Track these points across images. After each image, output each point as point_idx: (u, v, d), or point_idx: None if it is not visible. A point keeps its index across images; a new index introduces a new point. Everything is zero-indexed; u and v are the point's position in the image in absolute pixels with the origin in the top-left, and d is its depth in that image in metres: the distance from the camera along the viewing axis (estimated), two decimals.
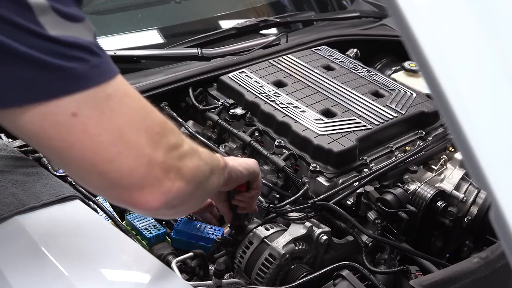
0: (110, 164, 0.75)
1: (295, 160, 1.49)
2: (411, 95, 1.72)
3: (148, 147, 0.77)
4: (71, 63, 0.73)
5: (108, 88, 0.76)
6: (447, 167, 1.57)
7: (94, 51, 0.76)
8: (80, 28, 0.75)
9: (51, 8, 0.72)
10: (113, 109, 0.75)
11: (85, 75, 0.74)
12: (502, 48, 0.64)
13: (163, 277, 1.06)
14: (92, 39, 0.76)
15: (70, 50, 0.73)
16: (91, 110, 0.74)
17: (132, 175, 0.76)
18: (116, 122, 0.75)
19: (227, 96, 1.71)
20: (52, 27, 0.72)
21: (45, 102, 0.72)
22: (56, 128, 0.73)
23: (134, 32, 2.07)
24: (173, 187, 0.81)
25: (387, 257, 1.40)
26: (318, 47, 1.98)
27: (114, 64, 0.80)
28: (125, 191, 0.78)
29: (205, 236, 1.34)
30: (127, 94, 0.79)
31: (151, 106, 0.83)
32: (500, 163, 0.58)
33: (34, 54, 0.71)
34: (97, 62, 0.75)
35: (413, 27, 0.60)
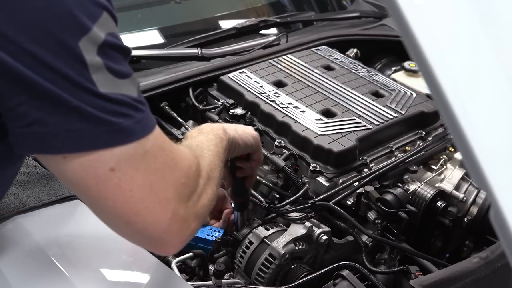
0: (137, 216, 0.82)
1: (295, 160, 1.49)
2: (411, 95, 1.72)
3: (173, 201, 0.84)
4: (117, 119, 0.79)
5: (147, 143, 0.82)
6: (447, 167, 1.57)
7: (138, 107, 0.81)
8: (127, 84, 0.81)
9: (104, 67, 0.78)
10: (148, 166, 0.82)
11: (128, 130, 0.80)
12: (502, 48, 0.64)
13: (163, 277, 1.06)
14: (136, 95, 0.82)
15: (117, 106, 0.79)
16: (127, 166, 0.80)
17: (155, 227, 0.83)
18: (147, 179, 0.82)
19: (227, 96, 1.71)
20: (102, 84, 0.77)
21: (88, 154, 0.78)
22: (94, 180, 0.80)
23: (134, 32, 2.07)
24: (191, 231, 0.90)
25: (387, 257, 1.40)
26: (318, 47, 1.98)
27: (152, 116, 0.86)
28: (148, 240, 0.86)
29: (204, 238, 1.34)
30: (161, 148, 0.85)
31: (180, 153, 0.90)
32: (500, 163, 0.58)
33: (85, 108, 0.76)
34: (140, 118, 0.81)
35: (413, 27, 0.60)
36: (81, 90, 0.76)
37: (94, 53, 0.77)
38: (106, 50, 0.78)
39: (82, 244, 1.11)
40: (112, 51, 0.79)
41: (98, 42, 0.77)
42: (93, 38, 0.76)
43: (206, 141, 1.06)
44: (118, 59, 0.80)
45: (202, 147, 1.03)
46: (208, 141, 1.06)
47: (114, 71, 0.79)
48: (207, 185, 0.94)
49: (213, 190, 0.97)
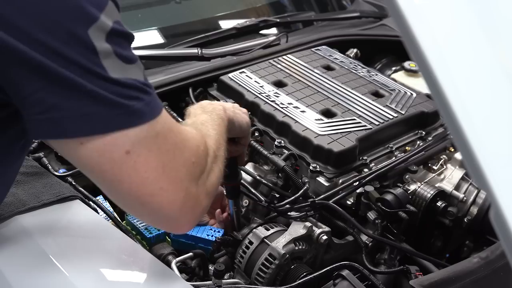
0: (152, 197, 0.86)
1: (295, 160, 1.49)
2: (411, 95, 1.72)
3: (185, 180, 0.88)
4: (129, 101, 0.82)
5: (157, 125, 0.85)
6: (447, 167, 1.57)
7: (146, 90, 0.85)
8: (135, 69, 0.85)
9: (114, 53, 0.82)
10: (159, 147, 0.85)
11: (140, 112, 0.83)
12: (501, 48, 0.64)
13: (163, 277, 1.06)
14: (143, 78, 0.86)
15: (128, 90, 0.82)
16: (141, 148, 0.83)
17: (170, 207, 0.87)
18: (160, 159, 0.85)
19: (227, 96, 1.71)
20: (113, 69, 0.81)
21: (103, 137, 0.81)
22: (110, 163, 0.83)
23: (134, 32, 2.06)
24: (202, 208, 0.94)
25: (387, 257, 1.40)
26: (318, 47, 1.98)
27: (159, 99, 0.89)
28: (164, 219, 0.90)
29: (204, 238, 1.34)
30: (170, 130, 0.89)
31: (187, 133, 0.94)
32: (500, 163, 0.58)
33: (99, 92, 0.80)
34: (149, 100, 0.85)
35: (413, 27, 0.60)
36: (93, 76, 0.79)
37: (103, 40, 0.80)
38: (114, 37, 0.82)
39: (82, 244, 1.11)
40: (119, 38, 0.83)
41: (106, 30, 0.81)
42: (101, 26, 0.80)
43: (211, 120, 1.09)
44: (124, 45, 0.84)
45: (207, 126, 1.06)
46: (212, 120, 1.09)
47: (122, 57, 0.82)
48: (215, 163, 0.98)
49: (220, 168, 1.00)
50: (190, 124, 1.06)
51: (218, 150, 1.02)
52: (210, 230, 1.36)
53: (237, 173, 1.33)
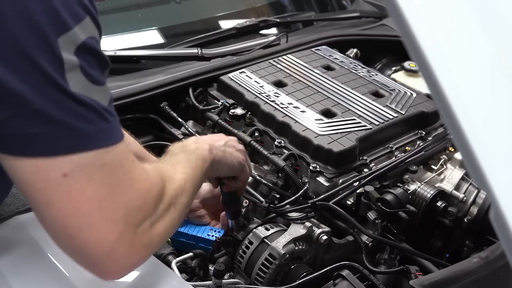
0: (79, 232, 0.77)
1: (295, 160, 1.49)
2: (411, 95, 1.72)
3: (121, 223, 0.79)
4: (80, 123, 0.76)
5: (106, 156, 0.78)
6: (447, 167, 1.57)
7: (105, 116, 0.79)
8: (99, 92, 0.79)
9: (79, 68, 0.76)
10: (102, 179, 0.78)
11: (89, 138, 0.77)
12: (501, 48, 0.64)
13: (163, 277, 1.06)
14: (106, 104, 0.80)
15: (84, 110, 0.76)
16: (81, 175, 0.76)
17: (97, 248, 0.78)
18: (98, 192, 0.77)
19: (227, 96, 1.71)
20: (74, 84, 0.76)
21: (43, 158, 0.75)
22: (44, 183, 0.76)
23: (134, 32, 2.07)
24: (137, 259, 0.84)
25: (387, 257, 1.40)
26: (318, 47, 1.98)
27: (121, 130, 0.83)
28: (88, 260, 0.80)
29: (205, 238, 1.34)
30: (121, 165, 0.81)
31: (141, 174, 0.85)
32: (500, 163, 0.58)
33: (49, 110, 0.74)
34: (104, 127, 0.79)
35: (413, 27, 0.60)
36: (51, 86, 0.74)
37: (71, 52, 0.76)
38: (84, 52, 0.77)
39: None
40: (89, 55, 0.79)
41: (77, 43, 0.76)
42: (72, 37, 0.76)
43: (185, 161, 1.03)
44: (94, 65, 0.79)
45: (176, 168, 0.99)
46: (187, 162, 1.03)
47: (88, 74, 0.78)
48: (167, 212, 0.89)
49: (174, 217, 0.91)
50: (158, 164, 0.99)
51: (178, 197, 0.93)
52: (211, 230, 1.36)
53: (237, 199, 1.31)
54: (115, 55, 1.77)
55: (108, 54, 1.81)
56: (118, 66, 1.81)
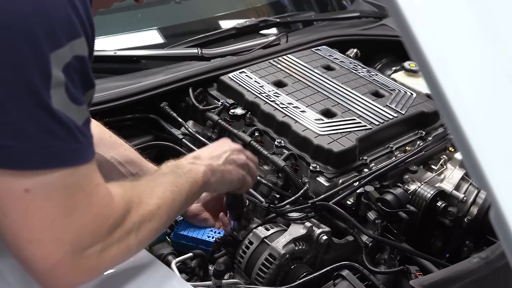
0: (28, 245, 0.79)
1: (295, 160, 1.49)
2: (411, 95, 1.72)
3: (68, 245, 0.81)
4: (52, 141, 0.77)
5: (69, 178, 0.80)
6: (447, 167, 1.57)
7: (77, 137, 0.80)
8: (77, 111, 0.80)
9: (64, 85, 0.77)
10: (59, 200, 0.79)
11: (57, 156, 0.78)
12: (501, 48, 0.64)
13: (163, 277, 1.06)
14: (81, 125, 0.81)
15: (59, 128, 0.77)
16: (41, 193, 0.78)
17: (41, 263, 0.80)
18: (53, 212, 0.79)
19: (227, 96, 1.71)
20: (57, 101, 0.77)
21: (9, 170, 0.76)
22: (5, 195, 0.78)
23: (134, 32, 2.07)
24: (78, 281, 0.85)
25: (387, 257, 1.40)
26: (318, 47, 1.98)
27: (91, 152, 0.84)
28: (33, 272, 0.82)
29: (205, 240, 1.34)
30: (81, 188, 0.82)
31: (103, 199, 0.86)
32: (500, 163, 0.58)
33: (24, 124, 0.75)
34: (74, 147, 0.80)
35: (413, 27, 0.60)
36: (34, 100, 0.75)
37: (60, 69, 0.77)
38: (70, 71, 0.79)
39: None
40: (74, 74, 0.80)
41: (66, 60, 0.78)
42: (62, 54, 0.77)
43: (169, 184, 1.02)
44: (77, 84, 0.80)
45: (153, 192, 0.98)
46: (170, 185, 1.02)
47: (70, 93, 0.79)
48: (125, 238, 0.89)
49: (131, 244, 0.91)
50: (133, 185, 0.98)
51: (144, 223, 0.93)
52: (211, 232, 1.36)
53: (241, 202, 1.31)
54: (115, 55, 1.77)
55: (108, 54, 1.83)
56: (118, 66, 1.81)
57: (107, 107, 1.56)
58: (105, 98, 1.57)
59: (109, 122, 1.45)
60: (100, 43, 1.96)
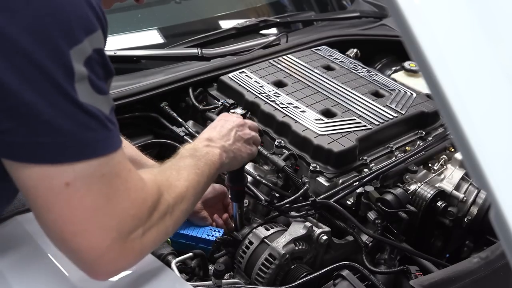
0: (74, 237, 0.82)
1: (295, 160, 1.49)
2: (411, 95, 1.72)
3: (115, 230, 0.83)
4: (85, 132, 0.80)
5: (106, 166, 0.82)
6: (447, 167, 1.57)
7: (107, 126, 0.83)
8: (103, 101, 0.83)
9: (87, 78, 0.80)
10: (100, 189, 0.82)
11: (92, 147, 0.81)
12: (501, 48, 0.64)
13: (163, 277, 1.06)
14: (108, 113, 0.84)
15: (89, 119, 0.80)
16: (82, 184, 0.80)
17: (89, 252, 0.83)
18: (95, 202, 0.81)
19: (227, 96, 1.71)
20: (82, 94, 0.79)
21: (48, 166, 0.79)
22: (46, 190, 0.80)
23: (134, 32, 2.07)
24: (126, 263, 0.89)
25: (387, 257, 1.40)
26: (318, 47, 1.98)
27: (120, 137, 0.86)
28: (80, 261, 0.85)
29: (205, 239, 1.34)
30: (118, 175, 0.85)
31: (137, 183, 0.88)
32: (500, 163, 0.58)
33: (57, 120, 0.78)
34: (106, 136, 0.83)
35: (413, 27, 0.60)
36: (62, 96, 0.78)
37: (81, 64, 0.79)
38: (92, 63, 0.81)
39: None
40: (96, 66, 0.82)
41: (86, 54, 0.80)
42: (82, 49, 0.79)
43: (192, 167, 1.06)
44: (100, 75, 0.83)
45: (181, 174, 1.02)
46: (193, 167, 1.06)
47: (94, 85, 0.81)
48: (162, 220, 0.93)
49: (168, 225, 0.95)
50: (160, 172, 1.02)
51: (176, 206, 0.97)
52: (210, 230, 1.36)
53: (242, 177, 1.32)
54: (115, 55, 1.77)
55: (108, 54, 1.82)
56: (118, 66, 1.80)
57: None
58: None
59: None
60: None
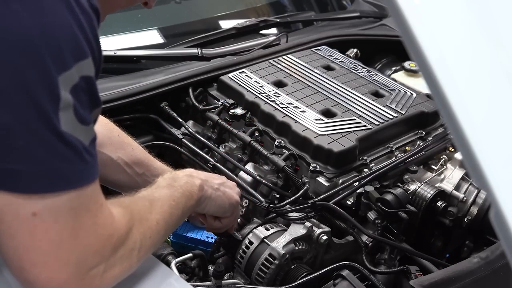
0: (32, 268, 0.79)
1: (295, 160, 1.49)
2: (411, 95, 1.72)
3: (74, 265, 0.81)
4: (61, 164, 0.77)
5: (76, 200, 0.79)
6: (447, 167, 1.57)
7: (84, 157, 0.80)
8: (85, 131, 0.80)
9: (72, 107, 0.77)
10: (66, 222, 0.79)
11: (65, 179, 0.78)
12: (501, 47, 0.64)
13: (162, 277, 1.06)
14: (88, 144, 0.80)
15: (67, 150, 0.77)
16: (49, 216, 0.77)
17: (45, 285, 0.79)
18: (60, 235, 0.79)
19: (227, 96, 1.71)
20: (65, 123, 0.76)
21: (17, 194, 0.76)
22: (12, 217, 0.77)
23: (134, 32, 2.07)
24: None
25: (387, 257, 1.40)
26: (318, 47, 1.98)
27: (96, 170, 0.83)
28: None
29: (204, 240, 1.34)
30: (87, 209, 0.81)
31: (106, 218, 0.85)
32: (500, 163, 0.58)
33: (33, 148, 0.75)
34: (81, 168, 0.79)
35: (413, 27, 0.60)
36: (43, 124, 0.75)
37: (68, 91, 0.76)
38: (78, 91, 0.78)
39: None
40: (82, 95, 0.79)
41: (73, 82, 0.77)
42: (70, 76, 0.76)
43: (167, 198, 1.03)
44: (85, 105, 0.80)
45: (153, 207, 0.98)
46: (168, 199, 1.03)
47: (78, 114, 0.78)
48: (127, 257, 0.90)
49: (133, 262, 0.92)
50: (133, 201, 0.98)
51: (144, 241, 0.93)
52: (210, 232, 1.36)
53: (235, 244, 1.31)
54: (115, 55, 1.77)
55: (108, 54, 1.83)
56: (118, 66, 1.81)
57: (107, 107, 1.56)
58: (105, 98, 1.57)
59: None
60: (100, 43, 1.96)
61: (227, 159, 1.55)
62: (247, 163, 1.53)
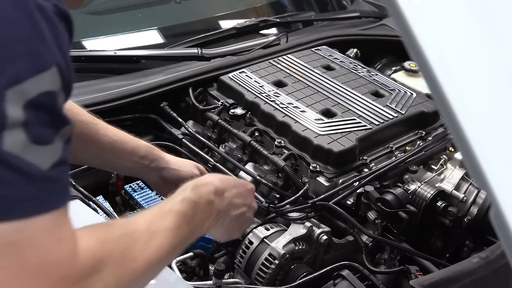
0: None
1: (295, 160, 1.49)
2: (411, 95, 1.72)
3: None
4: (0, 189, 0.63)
5: (17, 232, 0.64)
6: (447, 167, 1.57)
7: (36, 183, 0.66)
8: (40, 152, 0.66)
9: (22, 125, 0.64)
10: (3, 259, 0.64)
11: (5, 206, 0.64)
12: (501, 47, 0.64)
13: (163, 277, 1.06)
14: (48, 167, 0.67)
15: (9, 173, 0.63)
16: None
17: None
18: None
19: (227, 96, 1.71)
20: (10, 143, 0.63)
21: None
22: None
23: (134, 32, 2.07)
24: None
25: (387, 257, 1.40)
26: (318, 47, 1.98)
27: (61, 196, 0.69)
28: None
29: (205, 237, 1.34)
30: (35, 245, 0.66)
31: (64, 257, 0.68)
32: (500, 163, 0.58)
33: None
34: (29, 195, 0.65)
35: (413, 27, 0.60)
36: None
37: (19, 107, 0.64)
38: (34, 108, 0.65)
39: None
40: (40, 111, 0.66)
41: (28, 97, 0.65)
42: (23, 90, 0.64)
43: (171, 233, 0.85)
44: (44, 122, 0.67)
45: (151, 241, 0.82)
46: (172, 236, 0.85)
47: (32, 133, 0.65)
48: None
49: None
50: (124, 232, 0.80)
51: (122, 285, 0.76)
52: None
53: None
54: (115, 55, 1.77)
55: (108, 54, 1.83)
56: (118, 66, 1.81)
57: (107, 107, 1.56)
58: (105, 98, 1.58)
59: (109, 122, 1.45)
60: (100, 43, 1.96)
61: (227, 159, 1.55)
62: (247, 163, 1.53)
